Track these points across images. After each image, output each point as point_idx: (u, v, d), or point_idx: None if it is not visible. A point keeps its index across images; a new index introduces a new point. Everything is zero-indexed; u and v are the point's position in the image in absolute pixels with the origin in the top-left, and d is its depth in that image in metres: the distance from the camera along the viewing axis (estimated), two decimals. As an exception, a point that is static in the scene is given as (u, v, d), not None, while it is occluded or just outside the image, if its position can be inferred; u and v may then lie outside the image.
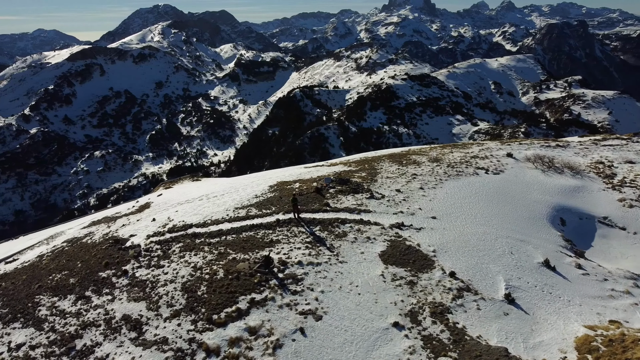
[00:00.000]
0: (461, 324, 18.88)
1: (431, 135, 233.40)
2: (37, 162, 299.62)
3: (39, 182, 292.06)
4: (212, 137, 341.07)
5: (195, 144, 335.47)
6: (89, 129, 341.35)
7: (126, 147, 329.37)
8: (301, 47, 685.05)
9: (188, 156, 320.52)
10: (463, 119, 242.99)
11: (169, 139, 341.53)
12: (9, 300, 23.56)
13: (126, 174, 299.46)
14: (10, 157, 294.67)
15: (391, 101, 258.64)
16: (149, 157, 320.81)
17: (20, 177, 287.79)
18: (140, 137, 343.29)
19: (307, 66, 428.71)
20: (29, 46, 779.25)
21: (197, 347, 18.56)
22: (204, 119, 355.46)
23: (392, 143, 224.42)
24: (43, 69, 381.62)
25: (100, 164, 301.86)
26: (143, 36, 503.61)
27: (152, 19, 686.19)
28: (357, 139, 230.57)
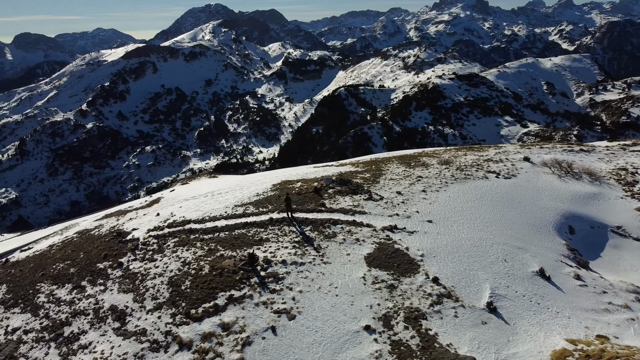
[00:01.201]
0: (434, 331, 18.53)
1: (478, 136, 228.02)
2: (92, 155, 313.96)
3: (93, 174, 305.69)
4: (258, 135, 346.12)
5: (242, 141, 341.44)
6: (141, 124, 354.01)
7: (175, 143, 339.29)
8: (349, 45, 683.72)
9: (234, 153, 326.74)
10: (512, 120, 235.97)
11: (217, 135, 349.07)
12: (13, 286, 25.05)
13: (175, 168, 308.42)
14: (67, 151, 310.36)
15: (437, 101, 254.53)
16: (197, 153, 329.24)
17: (76, 170, 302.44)
18: (189, 133, 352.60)
19: (354, 65, 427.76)
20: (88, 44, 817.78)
21: (171, 340, 19.11)
22: (250, 116, 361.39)
23: (436, 143, 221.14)
24: (100, 66, 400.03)
25: (150, 159, 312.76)
26: (194, 35, 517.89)
27: (204, 18, 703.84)
28: (400, 139, 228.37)
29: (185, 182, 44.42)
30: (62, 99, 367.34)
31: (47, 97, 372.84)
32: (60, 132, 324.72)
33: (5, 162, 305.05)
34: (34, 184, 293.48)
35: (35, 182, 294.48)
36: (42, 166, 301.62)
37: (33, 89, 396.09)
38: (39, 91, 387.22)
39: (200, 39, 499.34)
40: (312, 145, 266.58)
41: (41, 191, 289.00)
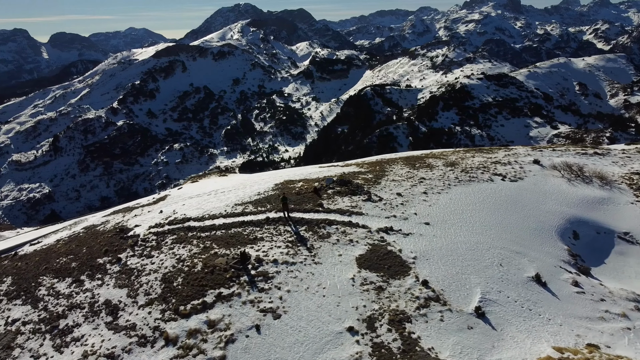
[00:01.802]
0: (417, 334, 18.39)
1: (506, 137, 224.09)
2: (122, 152, 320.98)
3: (123, 171, 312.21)
4: (284, 134, 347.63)
5: (268, 140, 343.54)
6: (170, 122, 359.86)
7: (203, 141, 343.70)
8: (377, 45, 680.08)
9: (260, 151, 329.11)
10: (542, 122, 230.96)
11: (243, 134, 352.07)
12: (18, 278, 25.93)
13: (202, 166, 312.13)
14: (99, 147, 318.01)
15: (465, 101, 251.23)
16: (224, 151, 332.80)
17: (106, 166, 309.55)
18: (216, 131, 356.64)
19: (381, 64, 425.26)
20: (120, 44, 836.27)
21: (158, 335, 19.49)
22: (277, 115, 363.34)
23: (463, 144, 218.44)
24: (131, 65, 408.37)
25: (178, 156, 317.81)
26: (223, 34, 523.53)
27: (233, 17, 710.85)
28: (426, 139, 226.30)
29: (195, 179, 45.10)
30: (95, 96, 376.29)
31: (80, 95, 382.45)
32: (92, 129, 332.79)
33: (40, 157, 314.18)
34: (66, 180, 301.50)
35: (67, 177, 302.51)
36: (74, 162, 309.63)
37: (67, 87, 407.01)
38: (72, 89, 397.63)
39: (229, 38, 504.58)
40: (337, 145, 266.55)
41: (73, 186, 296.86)
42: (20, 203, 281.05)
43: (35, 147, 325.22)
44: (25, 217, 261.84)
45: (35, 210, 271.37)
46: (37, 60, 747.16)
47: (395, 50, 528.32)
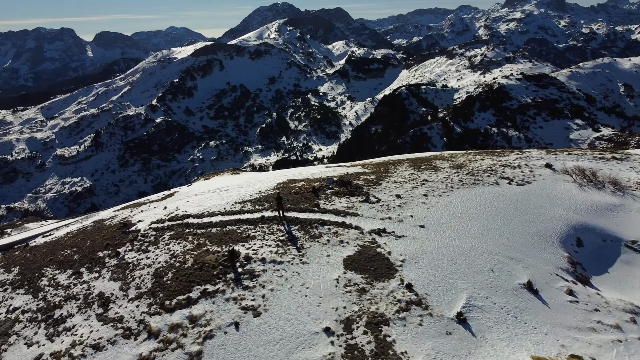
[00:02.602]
0: (392, 338, 18.24)
1: (545, 139, 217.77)
2: (160, 148, 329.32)
3: (160, 167, 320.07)
4: (318, 132, 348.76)
5: (302, 139, 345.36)
6: (207, 120, 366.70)
7: (238, 139, 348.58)
8: (415, 44, 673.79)
9: (294, 150, 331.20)
10: (583, 124, 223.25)
11: (278, 132, 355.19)
12: (24, 268, 27.12)
13: (236, 164, 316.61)
14: (137, 143, 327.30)
15: (502, 102, 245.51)
16: (258, 149, 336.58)
17: (145, 162, 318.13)
18: (251, 129, 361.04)
19: (418, 64, 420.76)
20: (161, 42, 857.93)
21: (143, 328, 20.05)
22: (311, 114, 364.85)
23: (499, 146, 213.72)
24: (170, 63, 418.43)
25: (214, 153, 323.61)
26: (260, 33, 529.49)
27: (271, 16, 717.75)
28: (461, 140, 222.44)
29: (207, 177, 45.93)
30: (135, 94, 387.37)
31: (121, 92, 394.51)
32: (132, 126, 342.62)
33: (82, 152, 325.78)
34: (107, 174, 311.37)
35: (107, 172, 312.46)
36: (114, 157, 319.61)
37: (109, 84, 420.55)
38: (114, 87, 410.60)
39: (266, 37, 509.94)
40: (370, 144, 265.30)
41: (112, 181, 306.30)
42: (63, 196, 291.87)
43: (78, 143, 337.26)
44: (67, 209, 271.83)
45: (76, 204, 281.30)
46: (82, 59, 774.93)
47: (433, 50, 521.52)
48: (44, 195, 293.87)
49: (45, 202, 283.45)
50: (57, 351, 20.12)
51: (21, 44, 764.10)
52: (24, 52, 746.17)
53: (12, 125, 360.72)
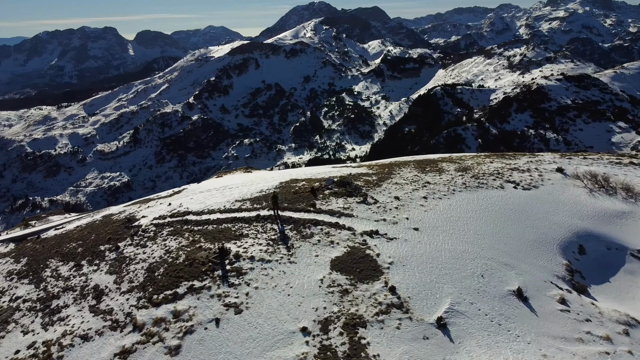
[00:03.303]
0: (367, 340, 18.19)
1: (584, 142, 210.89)
2: (195, 145, 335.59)
3: (196, 163, 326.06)
4: (352, 132, 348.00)
5: (335, 138, 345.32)
6: (241, 118, 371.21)
7: (272, 137, 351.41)
8: (453, 43, 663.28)
9: (327, 149, 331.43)
10: (626, 127, 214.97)
11: (311, 131, 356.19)
12: (32, 259, 28.29)
13: (270, 162, 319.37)
14: (174, 140, 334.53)
15: (541, 103, 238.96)
16: (291, 147, 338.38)
17: (181, 158, 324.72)
18: (285, 128, 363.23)
19: (455, 63, 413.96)
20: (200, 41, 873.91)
21: (129, 321, 20.66)
22: (345, 113, 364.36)
23: (536, 148, 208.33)
24: (207, 62, 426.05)
25: (248, 151, 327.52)
26: (296, 32, 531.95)
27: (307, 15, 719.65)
28: (496, 142, 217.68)
29: (219, 175, 46.62)
30: (173, 92, 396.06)
31: (160, 90, 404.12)
32: (169, 123, 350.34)
33: (121, 148, 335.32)
34: (144, 170, 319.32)
35: (144, 168, 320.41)
36: (151, 154, 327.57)
37: (148, 82, 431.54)
38: (153, 84, 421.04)
39: (302, 36, 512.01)
40: (403, 145, 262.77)
41: (149, 176, 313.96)
42: (102, 190, 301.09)
43: (117, 138, 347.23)
44: (105, 203, 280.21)
45: (114, 198, 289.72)
46: (124, 57, 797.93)
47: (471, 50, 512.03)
48: (84, 189, 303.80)
49: (85, 196, 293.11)
50: (49, 340, 20.95)
51: (67, 42, 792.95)
52: (69, 50, 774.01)
53: (56, 121, 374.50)
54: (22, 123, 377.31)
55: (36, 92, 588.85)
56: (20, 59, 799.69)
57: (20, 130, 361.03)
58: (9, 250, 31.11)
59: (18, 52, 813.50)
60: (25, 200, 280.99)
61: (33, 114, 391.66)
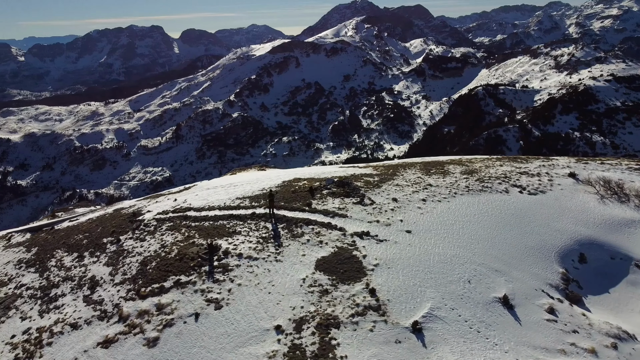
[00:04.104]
0: (338, 341, 18.20)
1: (634, 146, 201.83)
2: (235, 142, 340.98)
3: (235, 160, 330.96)
4: (391, 131, 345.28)
5: (374, 137, 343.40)
6: (281, 116, 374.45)
7: (310, 135, 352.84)
8: (498, 42, 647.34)
9: (365, 148, 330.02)
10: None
11: (350, 130, 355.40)
12: (40, 249, 29.64)
13: (307, 160, 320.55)
14: (214, 137, 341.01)
15: (588, 105, 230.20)
16: (329, 146, 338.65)
17: (220, 155, 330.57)
18: (323, 126, 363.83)
19: (499, 63, 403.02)
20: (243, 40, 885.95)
21: (116, 312, 21.42)
22: (384, 112, 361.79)
23: (581, 151, 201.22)
24: (248, 60, 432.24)
25: (286, 149, 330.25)
26: (338, 31, 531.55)
27: (349, 14, 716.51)
28: (538, 144, 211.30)
29: (234, 172, 47.34)
30: (214, 89, 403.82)
31: (202, 87, 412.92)
32: (210, 120, 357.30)
33: (164, 144, 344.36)
34: (185, 165, 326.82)
35: (185, 163, 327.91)
36: (192, 150, 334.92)
37: (191, 79, 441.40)
38: (195, 82, 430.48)
39: (343, 34, 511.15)
40: (442, 145, 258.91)
41: (190, 172, 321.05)
42: (145, 184, 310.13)
43: (160, 134, 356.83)
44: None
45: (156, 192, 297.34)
46: (169, 55, 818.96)
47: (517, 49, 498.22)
48: (127, 183, 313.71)
49: (128, 189, 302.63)
50: (42, 326, 21.96)
51: (115, 40, 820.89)
52: (117, 48, 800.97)
53: (103, 117, 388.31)
54: (71, 118, 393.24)
55: (86, 88, 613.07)
56: (72, 57, 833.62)
57: (70, 125, 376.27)
58: (25, 239, 32.70)
59: (70, 50, 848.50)
60: (73, 192, 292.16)
61: (82, 109, 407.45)
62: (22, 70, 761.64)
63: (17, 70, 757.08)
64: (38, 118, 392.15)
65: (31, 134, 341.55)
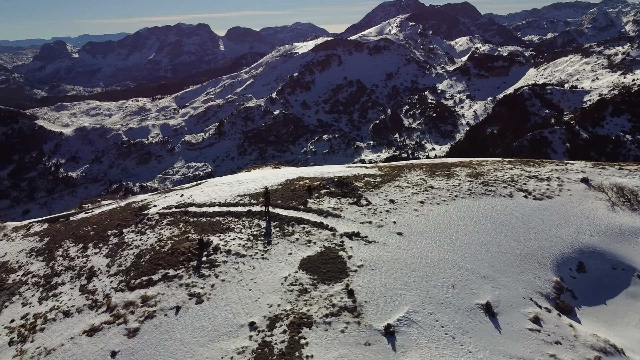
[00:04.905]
0: (307, 341, 18.28)
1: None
2: (275, 139, 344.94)
3: (275, 157, 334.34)
4: (432, 131, 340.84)
5: (415, 136, 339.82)
6: (322, 114, 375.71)
7: (351, 134, 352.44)
8: (548, 41, 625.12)
9: (406, 147, 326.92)
10: None
11: (391, 129, 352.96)
12: (51, 239, 31.07)
13: (347, 158, 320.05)
14: (256, 134, 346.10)
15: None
16: (370, 145, 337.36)
17: (261, 151, 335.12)
18: (364, 125, 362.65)
19: (548, 62, 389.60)
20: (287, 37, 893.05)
21: (105, 302, 22.30)
22: (426, 112, 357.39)
23: (632, 155, 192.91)
24: (291, 58, 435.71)
25: (326, 147, 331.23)
26: (381, 29, 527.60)
27: (394, 12, 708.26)
28: (586, 147, 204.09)
29: (249, 169, 47.98)
30: (257, 87, 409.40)
31: (245, 84, 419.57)
32: (252, 117, 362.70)
33: (207, 140, 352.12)
34: (226, 161, 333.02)
35: (227, 159, 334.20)
36: (234, 146, 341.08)
37: (235, 77, 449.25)
38: (239, 79, 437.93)
39: (387, 32, 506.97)
40: (484, 146, 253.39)
41: (231, 168, 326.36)
42: (187, 179, 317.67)
43: (203, 130, 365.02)
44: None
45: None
46: (215, 52, 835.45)
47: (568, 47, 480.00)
48: (171, 177, 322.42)
49: (172, 183, 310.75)
50: (39, 313, 23.12)
51: (164, 38, 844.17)
52: (165, 46, 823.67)
53: (150, 112, 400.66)
54: (120, 113, 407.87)
55: (134, 84, 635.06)
56: (122, 54, 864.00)
57: (119, 120, 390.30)
58: (41, 229, 34.35)
59: (121, 47, 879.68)
60: (119, 185, 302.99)
61: (130, 105, 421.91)
62: (76, 66, 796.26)
63: (72, 66, 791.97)
64: (89, 113, 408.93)
65: (82, 128, 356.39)
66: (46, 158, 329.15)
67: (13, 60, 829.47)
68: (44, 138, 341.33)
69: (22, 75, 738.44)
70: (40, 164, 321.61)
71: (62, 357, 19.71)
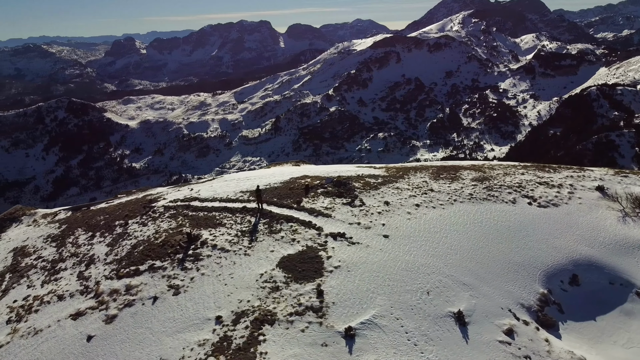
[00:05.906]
0: (266, 337, 18.56)
1: None
2: (331, 136, 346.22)
3: (329, 154, 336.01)
4: (492, 132, 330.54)
5: (474, 137, 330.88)
6: (378, 111, 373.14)
7: (407, 132, 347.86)
8: (624, 38, 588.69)
9: (464, 147, 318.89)
10: None
11: (448, 128, 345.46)
12: (67, 227, 32.99)
13: (402, 157, 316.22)
14: (311, 130, 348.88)
15: None
16: (426, 144, 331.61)
17: (316, 148, 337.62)
18: (421, 123, 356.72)
19: (621, 61, 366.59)
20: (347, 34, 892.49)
21: (94, 288, 23.56)
22: (487, 111, 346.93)
23: None
24: (349, 55, 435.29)
25: (381, 145, 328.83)
26: (443, 25, 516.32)
27: (457, 8, 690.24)
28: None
29: (269, 166, 48.66)
30: (314, 83, 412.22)
31: (302, 81, 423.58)
32: (308, 113, 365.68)
33: (263, 135, 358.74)
34: (281, 157, 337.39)
35: (282, 154, 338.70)
36: (289, 142, 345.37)
37: (292, 73, 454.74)
38: (296, 75, 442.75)
39: (448, 29, 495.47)
40: (546, 149, 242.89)
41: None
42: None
43: (260, 125, 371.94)
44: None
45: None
46: (275, 49, 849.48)
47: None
48: (228, 171, 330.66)
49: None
50: (38, 295, 24.75)
51: (226, 35, 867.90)
52: (227, 42, 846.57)
53: (210, 107, 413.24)
54: (182, 107, 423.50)
55: (197, 80, 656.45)
56: (187, 50, 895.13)
57: (180, 114, 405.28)
58: (63, 217, 36.51)
59: (186, 43, 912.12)
60: (179, 177, 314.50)
61: (192, 99, 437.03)
62: (143, 62, 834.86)
63: (140, 62, 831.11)
64: (153, 106, 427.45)
65: (146, 121, 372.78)
66: (112, 149, 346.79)
67: (87, 56, 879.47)
68: (111, 130, 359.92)
69: (95, 69, 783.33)
70: (107, 154, 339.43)
71: (45, 337, 21.07)
